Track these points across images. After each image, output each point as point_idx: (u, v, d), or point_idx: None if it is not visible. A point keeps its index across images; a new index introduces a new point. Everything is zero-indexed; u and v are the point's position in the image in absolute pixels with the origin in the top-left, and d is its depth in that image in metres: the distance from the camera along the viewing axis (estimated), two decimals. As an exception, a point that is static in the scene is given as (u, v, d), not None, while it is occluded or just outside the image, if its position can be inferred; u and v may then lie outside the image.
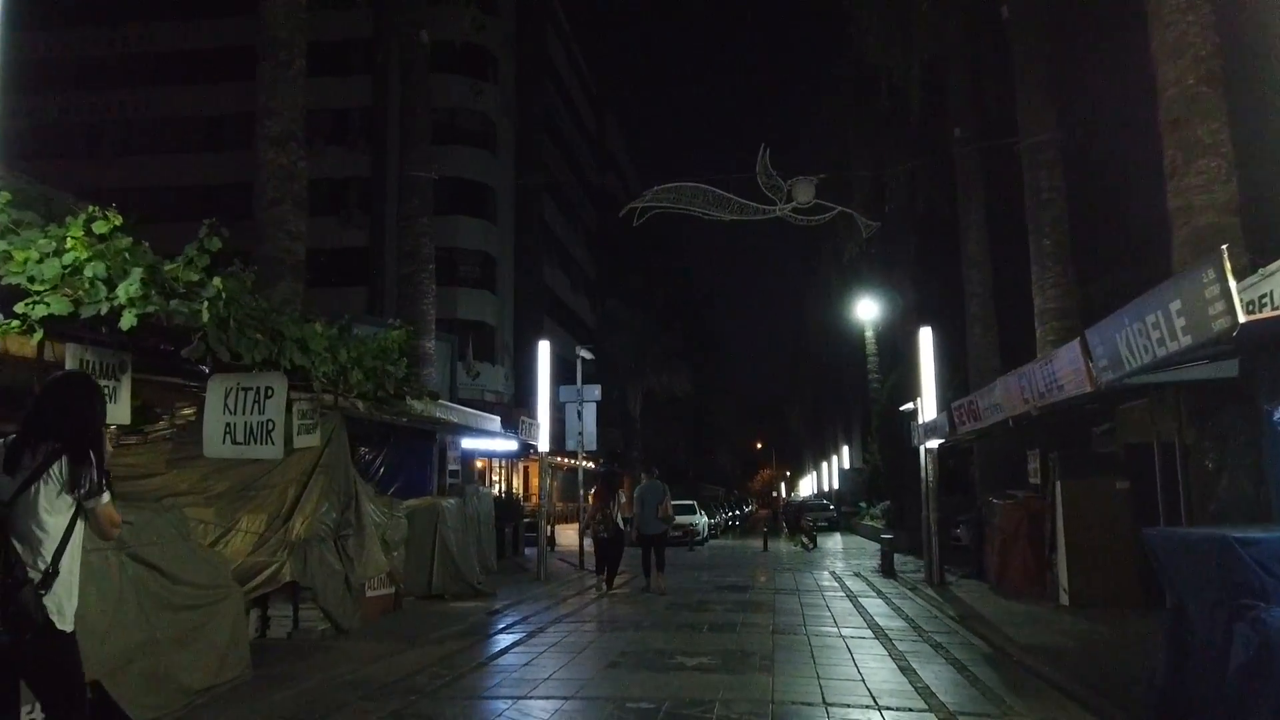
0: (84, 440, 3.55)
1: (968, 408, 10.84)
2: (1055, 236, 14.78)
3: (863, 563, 20.27)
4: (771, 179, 15.45)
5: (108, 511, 3.63)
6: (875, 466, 35.95)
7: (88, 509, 3.55)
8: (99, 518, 3.61)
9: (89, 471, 3.51)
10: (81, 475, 3.48)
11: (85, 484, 3.49)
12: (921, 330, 15.18)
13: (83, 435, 3.56)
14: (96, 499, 3.55)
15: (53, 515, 3.44)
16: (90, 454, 3.54)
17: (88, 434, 3.59)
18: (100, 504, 3.58)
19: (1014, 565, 13.52)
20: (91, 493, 3.52)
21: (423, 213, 15.98)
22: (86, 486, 3.50)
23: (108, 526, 3.67)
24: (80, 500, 3.50)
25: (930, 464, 14.80)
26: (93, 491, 3.52)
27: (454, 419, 12.71)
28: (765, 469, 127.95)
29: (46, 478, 3.43)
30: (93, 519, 3.60)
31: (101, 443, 3.68)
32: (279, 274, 10.95)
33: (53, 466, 3.44)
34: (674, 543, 29.51)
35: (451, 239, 38.05)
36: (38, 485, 3.42)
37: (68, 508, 3.48)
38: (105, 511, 3.61)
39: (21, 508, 3.41)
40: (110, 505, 3.65)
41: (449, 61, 38.45)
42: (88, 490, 3.50)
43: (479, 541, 15.32)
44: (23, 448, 3.47)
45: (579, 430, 18.32)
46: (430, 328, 15.89)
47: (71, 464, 3.47)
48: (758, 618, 10.65)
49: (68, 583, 3.50)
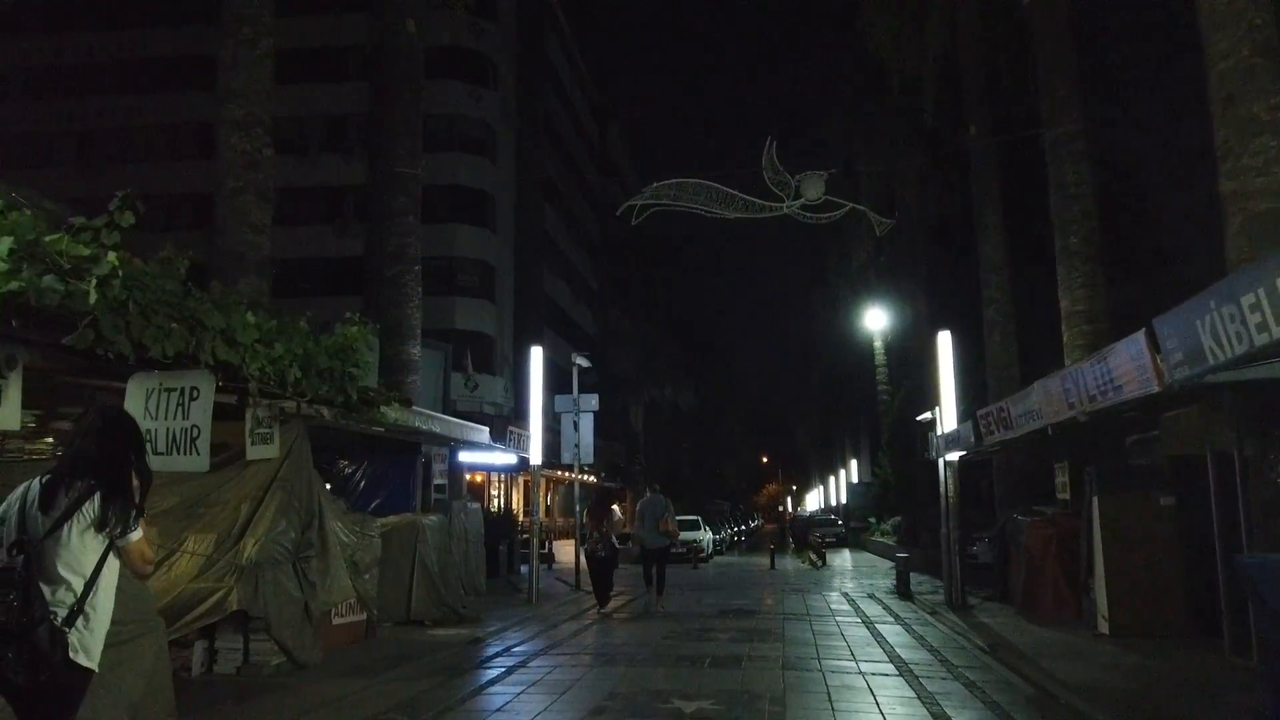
0: (118, 478, 3.54)
1: (996, 416, 9.83)
2: (1083, 233, 13.80)
3: (876, 582, 19.20)
4: (778, 174, 14.49)
5: (139, 549, 3.61)
6: (885, 481, 34.88)
7: (119, 546, 3.53)
8: (130, 555, 3.59)
9: (120, 509, 3.50)
10: (111, 513, 3.47)
11: (116, 522, 3.48)
12: (939, 335, 14.18)
13: (117, 473, 3.55)
14: (127, 537, 3.53)
15: (84, 553, 3.44)
16: (123, 492, 3.53)
17: (122, 472, 3.58)
18: (131, 542, 3.55)
19: (1043, 588, 12.50)
20: (124, 531, 3.51)
21: (409, 211, 15.05)
22: (117, 524, 3.48)
23: (140, 564, 3.67)
24: (112, 538, 3.49)
25: (950, 477, 13.78)
26: (125, 530, 3.51)
27: (436, 429, 11.72)
28: (772, 483, 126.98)
29: (79, 515, 3.43)
30: (125, 557, 3.58)
31: (134, 480, 3.63)
32: (240, 270, 10.01)
33: (85, 504, 3.44)
34: (677, 560, 28.53)
35: (450, 247, 37.23)
36: (70, 523, 3.42)
37: (99, 546, 3.47)
38: (137, 549, 3.59)
39: (53, 545, 3.40)
40: (142, 543, 3.62)
41: (448, 67, 37.73)
42: (119, 529, 3.50)
43: (467, 561, 14.34)
44: (58, 485, 3.47)
45: (576, 442, 17.33)
46: (415, 333, 14.92)
47: (103, 502, 3.45)
48: (765, 648, 9.62)
49: (99, 620, 3.49)
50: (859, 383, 43.99)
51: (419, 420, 10.63)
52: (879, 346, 37.80)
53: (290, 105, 38.44)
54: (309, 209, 37.08)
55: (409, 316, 14.86)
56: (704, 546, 30.20)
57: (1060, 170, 14.16)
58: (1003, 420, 9.60)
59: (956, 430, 12.31)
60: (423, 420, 10.78)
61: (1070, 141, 14.03)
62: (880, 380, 37.61)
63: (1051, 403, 7.73)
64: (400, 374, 14.60)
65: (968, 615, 12.44)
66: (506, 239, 40.12)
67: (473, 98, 38.00)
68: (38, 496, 3.47)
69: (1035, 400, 8.13)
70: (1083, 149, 14.07)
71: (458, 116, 38.04)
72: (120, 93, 39.62)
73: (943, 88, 21.19)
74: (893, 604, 14.37)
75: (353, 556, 9.66)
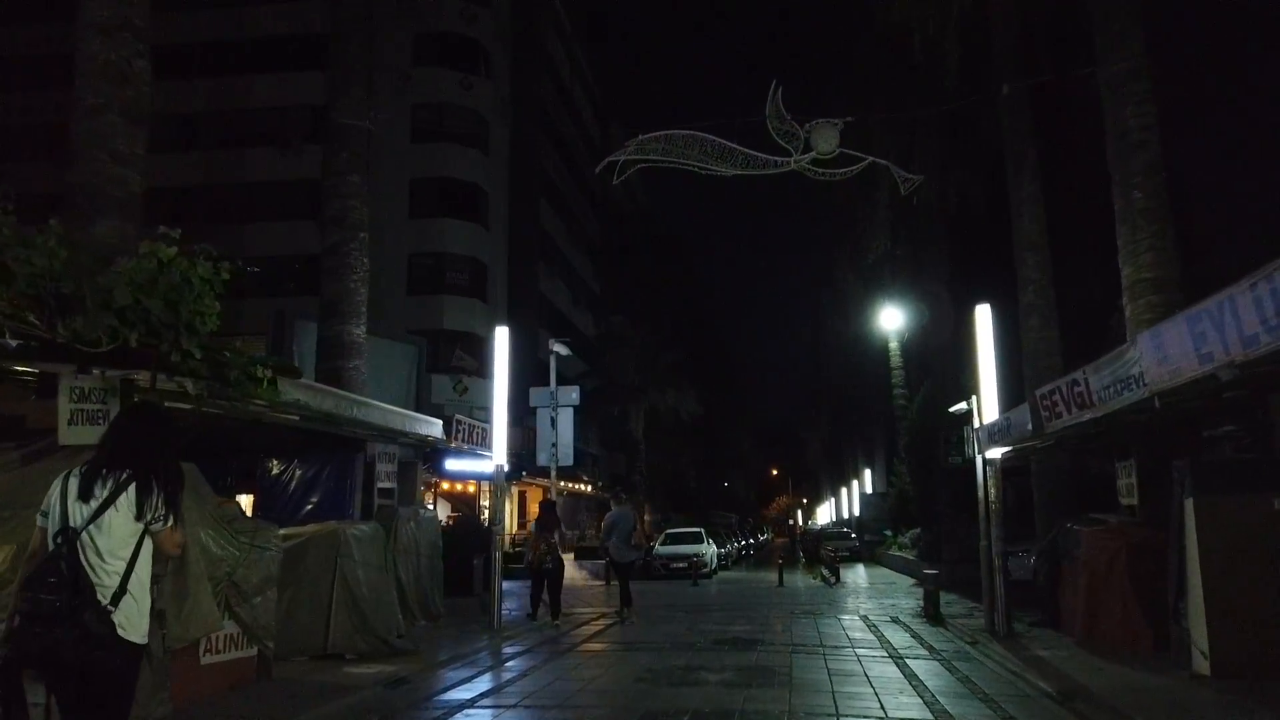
0: (152, 470, 3.77)
1: (1068, 393, 7.56)
2: (1149, 188, 11.56)
3: (898, 603, 16.88)
4: (785, 124, 12.31)
5: (169, 535, 3.80)
6: (902, 491, 32.55)
7: (153, 533, 3.74)
8: (163, 541, 3.80)
9: (155, 499, 3.73)
10: (147, 503, 3.70)
11: (151, 511, 3.71)
12: (977, 311, 11.94)
13: (151, 466, 3.78)
14: (163, 525, 3.75)
15: (123, 539, 3.66)
16: (156, 483, 3.76)
17: (156, 464, 3.80)
18: (163, 529, 3.76)
19: (1110, 613, 10.21)
20: (156, 519, 3.73)
21: (353, 169, 12.91)
22: (152, 514, 3.72)
23: (170, 548, 3.87)
24: (146, 526, 3.71)
25: (992, 480, 11.48)
26: (158, 518, 3.74)
27: (363, 417, 9.51)
28: (782, 496, 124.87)
29: (116, 505, 3.65)
30: (158, 541, 3.78)
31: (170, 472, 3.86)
32: (99, 209, 7.86)
33: (122, 495, 3.66)
34: (676, 576, 26.26)
35: (438, 243, 35.24)
36: (112, 511, 3.64)
37: (136, 532, 3.70)
38: (167, 535, 3.79)
39: (95, 533, 3.61)
40: (172, 530, 3.81)
41: (437, 54, 35.84)
42: (153, 517, 3.72)
43: (418, 580, 12.13)
44: (94, 477, 3.68)
45: (553, 441, 15.12)
46: (359, 311, 12.76)
47: (139, 493, 3.69)
48: (767, 698, 7.35)
49: (138, 599, 3.68)
50: (872, 388, 41.72)
51: (330, 401, 8.42)
52: (894, 347, 35.51)
53: (272, 96, 36.58)
54: (290, 204, 35.07)
55: (351, 292, 12.71)
56: (707, 561, 27.88)
57: (1120, 115, 11.94)
58: (1077, 397, 7.35)
59: (1005, 419, 10.01)
60: (335, 402, 8.57)
61: (1131, 80, 11.81)
62: (896, 384, 35.30)
63: (1168, 360, 5.51)
64: (340, 358, 12.46)
65: (1017, 646, 10.16)
66: (500, 236, 38.04)
67: (463, 86, 36.01)
68: (76, 488, 3.66)
69: (1145, 359, 5.87)
70: (1145, 89, 11.84)
71: (447, 105, 36.08)
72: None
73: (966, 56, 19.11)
74: (922, 630, 12.09)
75: (232, 575, 7.46)
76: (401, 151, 35.57)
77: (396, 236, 34.85)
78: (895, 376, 35.38)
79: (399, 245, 34.81)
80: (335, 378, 12.23)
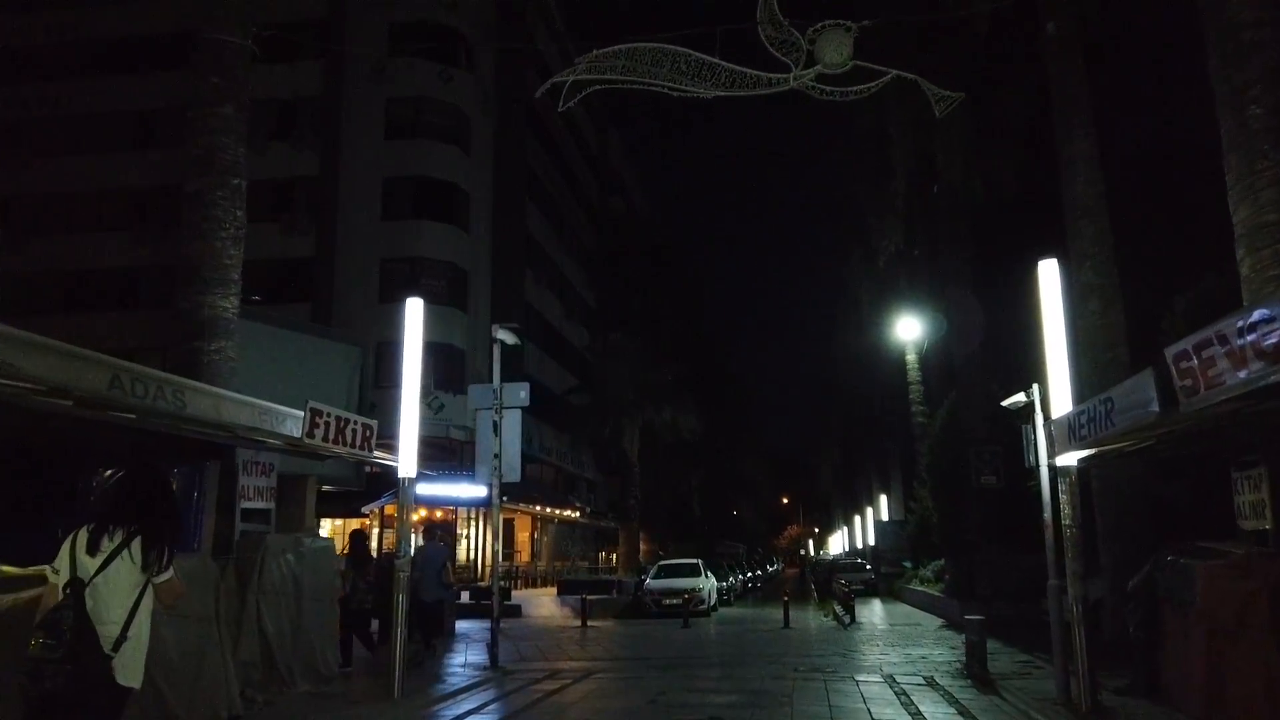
0: (156, 525, 4.08)
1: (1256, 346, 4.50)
2: (1270, 102, 8.60)
3: (929, 653, 13.72)
4: (784, 32, 9.42)
5: (170, 585, 4.13)
6: (923, 517, 29.30)
7: (155, 584, 4.04)
8: (162, 591, 4.10)
9: (159, 552, 4.03)
10: (151, 555, 4.00)
11: (156, 564, 4.02)
12: (1041, 266, 8.92)
13: (155, 522, 4.08)
14: (165, 575, 4.08)
15: (126, 590, 3.92)
16: (159, 537, 4.06)
17: (159, 521, 4.11)
18: (164, 579, 4.08)
19: (1243, 683, 7.17)
20: (160, 570, 4.04)
21: (226, 99, 10.03)
22: (155, 565, 4.02)
23: (169, 597, 4.17)
24: (149, 576, 4.01)
25: (1066, 494, 8.41)
26: (160, 569, 4.04)
27: (158, 404, 6.51)
28: (793, 526, 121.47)
29: (122, 557, 3.92)
30: (158, 591, 4.08)
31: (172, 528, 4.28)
32: None
33: (128, 548, 3.94)
34: (670, 614, 23.10)
35: (413, 247, 32.48)
36: (117, 563, 3.90)
37: (139, 582, 3.97)
38: (168, 585, 4.12)
39: (100, 584, 3.87)
40: (173, 579, 4.13)
41: (413, 43, 33.25)
42: (158, 569, 4.03)
43: (295, 631, 9.14)
44: (101, 532, 3.96)
45: (495, 451, 12.10)
46: (231, 280, 9.83)
47: (144, 546, 3.98)
48: None
49: (137, 645, 3.96)
50: (888, 406, 38.58)
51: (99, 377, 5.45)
52: (912, 360, 32.42)
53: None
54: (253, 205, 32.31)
55: (218, 253, 9.79)
56: (704, 597, 24.71)
57: (1218, 14, 9.03)
58: (1263, 352, 4.32)
59: (1102, 402, 6.90)
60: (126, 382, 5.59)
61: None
62: (914, 399, 32.17)
63: None
64: (199, 338, 9.53)
65: (1115, 732, 7.08)
66: (482, 241, 35.24)
67: (442, 79, 33.41)
68: (85, 542, 3.93)
69: None
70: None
71: (424, 99, 33.47)
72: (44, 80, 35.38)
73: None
74: (970, 700, 8.98)
75: None
76: (374, 149, 32.96)
77: (368, 240, 32.13)
78: (913, 391, 32.26)
79: (371, 249, 32.09)
80: (191, 362, 9.31)
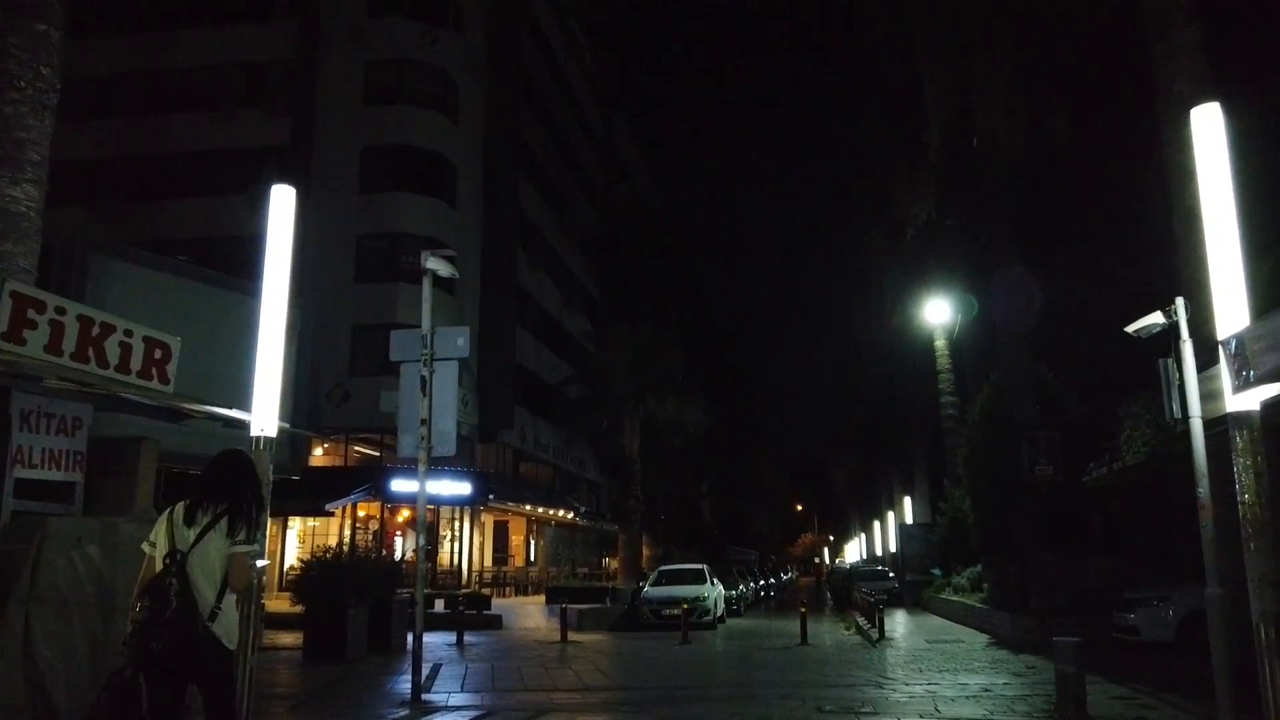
0: (244, 502, 4.46)
1: None
2: None
3: (990, 683, 10.66)
4: None
5: (242, 561, 4.36)
6: (955, 519, 26.25)
7: (232, 554, 4.33)
8: (236, 562, 4.34)
9: (244, 526, 4.39)
10: (238, 528, 4.37)
11: (240, 533, 4.37)
12: (1197, 113, 5.95)
13: (244, 498, 4.47)
14: (246, 547, 4.38)
15: (218, 561, 4.30)
16: (246, 513, 4.44)
17: (247, 497, 4.49)
18: (241, 550, 4.36)
19: None
20: (241, 541, 4.36)
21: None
22: (241, 535, 4.37)
23: (238, 575, 4.36)
24: (234, 544, 4.34)
25: (1248, 453, 5.43)
26: (243, 540, 4.37)
27: None
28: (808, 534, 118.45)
29: (215, 530, 4.31)
30: (233, 562, 4.34)
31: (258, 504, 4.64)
32: None
33: (220, 522, 4.33)
34: (666, 626, 20.18)
35: (393, 221, 29.72)
36: (210, 536, 4.30)
37: (227, 558, 4.33)
38: (241, 559, 4.35)
39: (197, 555, 4.27)
40: (244, 557, 4.37)
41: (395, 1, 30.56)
42: (241, 539, 4.36)
43: (92, 650, 6.27)
44: (197, 507, 4.38)
45: (422, 416, 9.25)
46: (26, 157, 7.00)
47: (232, 519, 4.36)
48: None
49: (229, 615, 4.34)
50: (912, 400, 35.54)
51: None
52: (941, 346, 29.41)
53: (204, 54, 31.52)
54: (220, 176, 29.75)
55: (11, 121, 6.94)
56: (709, 607, 21.74)
57: None
58: None
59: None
60: None
61: None
62: (944, 390, 29.14)
63: None
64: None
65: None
66: (471, 217, 32.44)
67: (426, 40, 30.69)
68: (182, 516, 4.35)
69: None
70: None
71: (406, 62, 30.73)
72: None
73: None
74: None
75: None
76: (352, 116, 30.26)
77: (343, 214, 29.36)
78: (943, 380, 29.22)
79: (345, 224, 29.32)
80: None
